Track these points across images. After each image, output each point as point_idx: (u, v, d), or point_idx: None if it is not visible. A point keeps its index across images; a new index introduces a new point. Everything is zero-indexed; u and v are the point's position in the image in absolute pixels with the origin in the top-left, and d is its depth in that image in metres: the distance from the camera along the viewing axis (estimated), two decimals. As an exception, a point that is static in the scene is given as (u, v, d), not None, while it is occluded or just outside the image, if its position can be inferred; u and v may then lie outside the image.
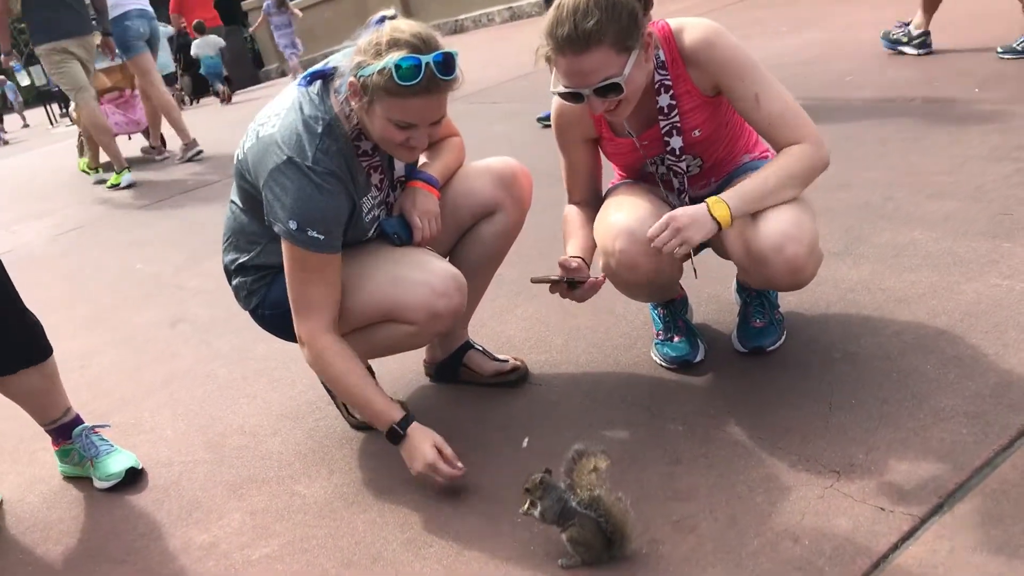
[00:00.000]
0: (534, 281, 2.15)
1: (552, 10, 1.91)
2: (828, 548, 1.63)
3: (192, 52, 13.87)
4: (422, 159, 2.30)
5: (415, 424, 2.07)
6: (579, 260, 2.12)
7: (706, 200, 1.95)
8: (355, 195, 2.05)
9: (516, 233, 2.38)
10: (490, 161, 2.35)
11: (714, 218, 1.93)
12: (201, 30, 13.82)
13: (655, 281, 2.14)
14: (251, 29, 15.68)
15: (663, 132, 2.12)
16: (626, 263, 2.07)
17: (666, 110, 2.10)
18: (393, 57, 1.83)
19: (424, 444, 2.02)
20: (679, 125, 2.11)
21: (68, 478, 2.53)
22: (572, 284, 2.10)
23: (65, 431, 2.47)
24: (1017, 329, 2.13)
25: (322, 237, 1.97)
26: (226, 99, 13.27)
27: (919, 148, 3.44)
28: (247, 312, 2.29)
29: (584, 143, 2.25)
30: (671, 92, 2.07)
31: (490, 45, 8.25)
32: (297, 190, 1.94)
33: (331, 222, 1.98)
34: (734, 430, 2.04)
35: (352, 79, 1.90)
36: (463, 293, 2.10)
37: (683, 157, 2.14)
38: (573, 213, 2.32)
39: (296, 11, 13.99)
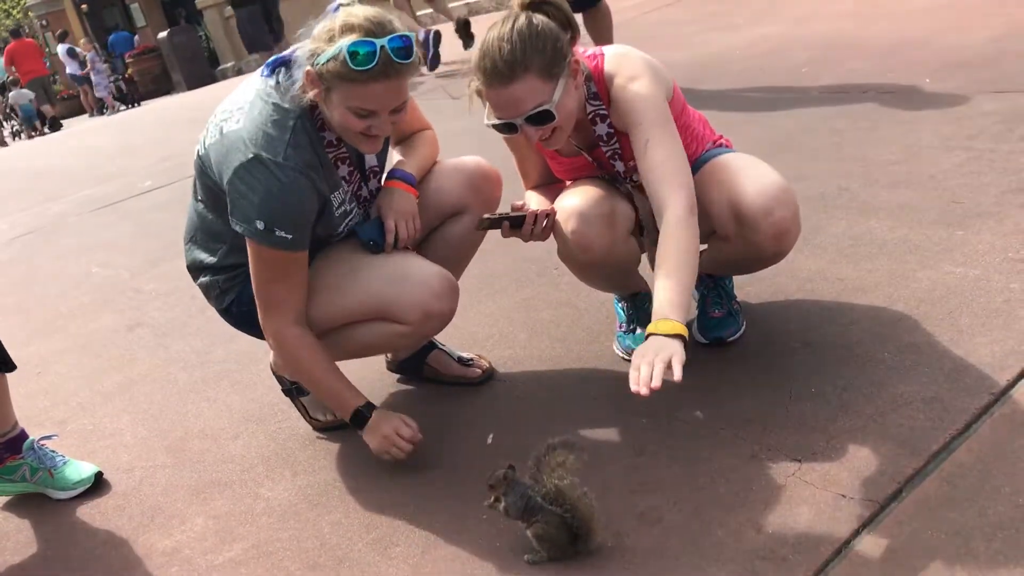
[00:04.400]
0: (479, 228, 2.13)
1: (478, 46, 1.92)
2: (791, 536, 1.64)
3: (10, 101, 17.73)
4: (397, 155, 2.27)
5: (378, 410, 2.10)
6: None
7: (650, 328, 1.75)
8: (325, 191, 2.01)
9: (482, 235, 2.35)
10: (461, 160, 2.31)
11: (673, 337, 1.71)
12: (16, 83, 17.66)
13: (609, 262, 2.15)
14: (82, 72, 18.80)
15: (607, 156, 2.14)
16: (579, 243, 2.08)
17: (605, 138, 2.11)
18: (346, 41, 1.80)
19: (384, 424, 2.08)
20: (620, 152, 2.13)
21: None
22: (515, 223, 2.08)
23: (13, 445, 2.35)
24: (970, 315, 2.17)
25: (290, 236, 1.93)
26: (39, 133, 16.55)
27: (873, 138, 3.49)
28: (212, 312, 2.26)
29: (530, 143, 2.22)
30: (608, 121, 2.08)
31: (447, 41, 8.21)
32: (265, 190, 1.90)
33: (299, 221, 1.95)
34: (696, 421, 2.05)
35: (308, 68, 1.87)
36: (456, 298, 2.10)
37: (632, 179, 2.17)
38: (533, 193, 2.33)
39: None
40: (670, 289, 1.80)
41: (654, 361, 1.63)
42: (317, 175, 1.96)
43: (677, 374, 1.62)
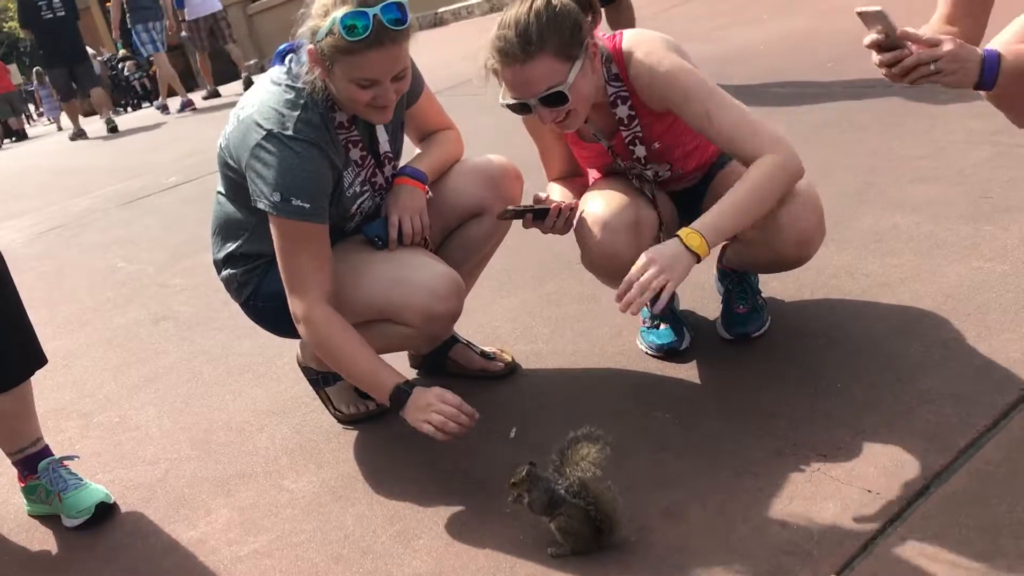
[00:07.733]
0: (501, 218, 2.13)
1: (496, 24, 1.92)
2: (816, 532, 1.63)
3: None
4: (416, 151, 2.27)
5: (418, 388, 2.00)
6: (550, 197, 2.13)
7: (678, 233, 1.84)
8: (339, 164, 2.02)
9: (502, 235, 2.35)
10: (481, 160, 2.30)
11: (690, 250, 1.83)
12: None
13: None
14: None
15: (627, 141, 2.13)
16: (605, 253, 2.08)
17: (626, 121, 2.10)
18: (339, 13, 1.81)
19: (422, 398, 1.96)
20: (640, 135, 2.11)
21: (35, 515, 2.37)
22: (538, 215, 2.08)
23: (31, 463, 2.27)
24: (999, 311, 2.15)
25: (307, 206, 1.94)
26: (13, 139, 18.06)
27: (899, 134, 3.45)
28: (236, 306, 2.27)
29: (553, 132, 2.23)
30: (629, 103, 2.07)
31: (471, 38, 8.24)
32: (279, 162, 1.92)
33: (315, 191, 1.96)
34: (721, 417, 2.04)
35: (310, 47, 1.89)
36: (461, 297, 2.09)
37: (649, 165, 2.15)
38: (556, 185, 2.34)
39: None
40: (724, 207, 1.87)
41: (649, 285, 1.80)
42: (328, 148, 1.98)
43: (656, 308, 1.82)
